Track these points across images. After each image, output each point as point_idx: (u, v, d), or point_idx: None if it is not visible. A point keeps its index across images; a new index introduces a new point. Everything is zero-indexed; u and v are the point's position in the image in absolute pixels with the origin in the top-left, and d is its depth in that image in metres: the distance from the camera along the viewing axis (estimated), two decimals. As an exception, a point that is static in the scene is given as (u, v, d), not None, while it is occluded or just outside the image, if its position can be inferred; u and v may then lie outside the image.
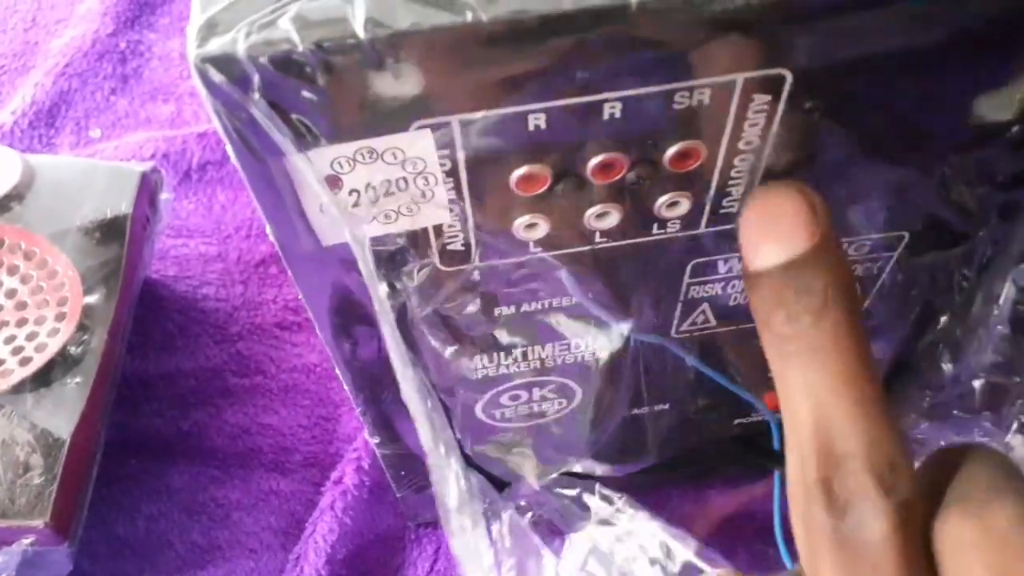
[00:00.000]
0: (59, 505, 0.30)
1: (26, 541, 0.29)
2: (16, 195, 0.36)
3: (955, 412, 0.25)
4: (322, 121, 0.16)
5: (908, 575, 0.16)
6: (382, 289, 0.19)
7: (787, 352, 0.18)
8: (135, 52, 0.54)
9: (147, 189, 0.39)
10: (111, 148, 0.48)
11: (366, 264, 0.18)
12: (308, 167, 0.16)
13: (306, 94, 0.15)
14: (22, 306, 0.34)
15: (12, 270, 0.35)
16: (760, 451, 0.29)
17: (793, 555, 0.27)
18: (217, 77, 0.14)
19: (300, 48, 0.14)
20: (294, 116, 0.15)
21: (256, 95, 0.14)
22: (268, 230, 0.18)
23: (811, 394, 0.17)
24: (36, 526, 0.29)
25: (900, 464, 0.17)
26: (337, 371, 0.24)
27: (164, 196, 0.40)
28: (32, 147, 0.49)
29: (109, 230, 0.36)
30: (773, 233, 0.18)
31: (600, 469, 0.30)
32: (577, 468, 0.29)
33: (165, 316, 0.42)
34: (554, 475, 0.29)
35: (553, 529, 0.31)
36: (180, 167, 0.47)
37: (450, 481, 0.22)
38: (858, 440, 0.17)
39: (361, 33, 0.14)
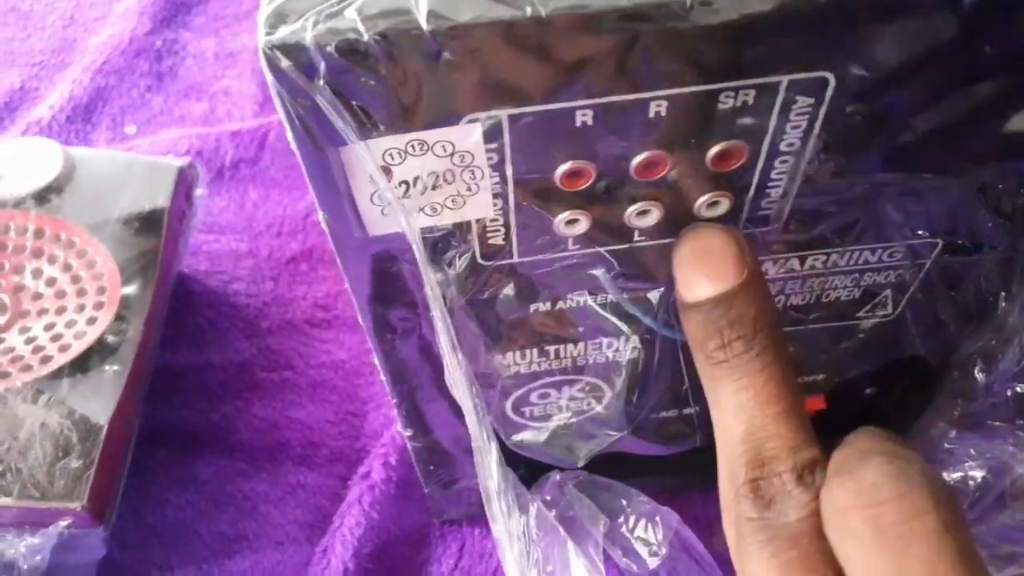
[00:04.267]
0: (96, 489, 0.30)
1: (63, 523, 0.30)
2: (56, 186, 0.37)
3: (988, 421, 0.26)
4: (381, 110, 0.16)
5: (820, 545, 0.18)
6: (434, 277, 0.20)
7: (720, 375, 0.20)
8: (170, 51, 0.55)
9: (184, 184, 0.39)
10: (146, 144, 0.49)
11: (419, 252, 0.19)
12: (367, 155, 0.16)
13: (368, 82, 0.15)
14: (61, 294, 0.35)
15: (52, 259, 0.36)
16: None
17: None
18: (285, 64, 0.15)
19: (365, 37, 0.15)
20: (355, 104, 0.16)
21: (321, 82, 0.15)
22: (320, 217, 0.19)
23: (742, 411, 0.20)
24: (73, 509, 0.30)
25: (818, 462, 0.19)
26: (376, 361, 0.24)
27: (199, 192, 0.41)
28: (69, 141, 0.50)
29: (147, 223, 0.37)
30: (706, 270, 0.20)
31: (642, 449, 0.30)
32: (619, 447, 0.30)
33: (196, 310, 0.42)
34: (596, 452, 0.29)
35: (574, 525, 0.32)
36: (213, 164, 0.48)
37: (492, 466, 0.22)
38: (781, 447, 0.19)
39: (424, 25, 0.15)
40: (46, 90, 0.53)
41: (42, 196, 0.37)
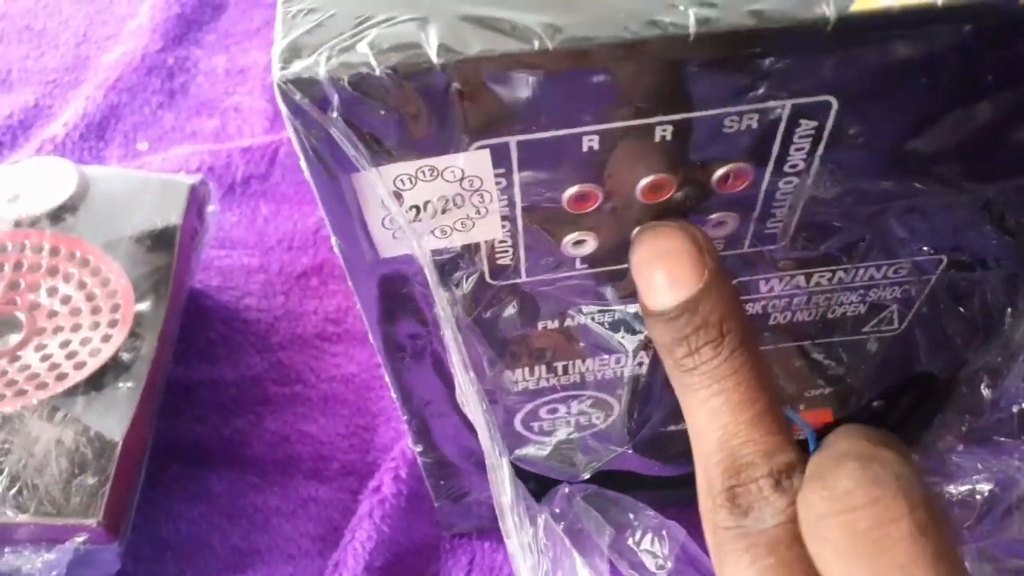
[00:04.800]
0: (111, 505, 0.31)
1: (79, 539, 0.30)
2: (71, 205, 0.38)
3: (994, 436, 0.26)
4: (392, 139, 0.17)
5: (798, 551, 0.18)
6: (445, 297, 0.20)
7: (691, 383, 0.20)
8: (182, 68, 0.56)
9: (196, 201, 0.40)
10: (158, 161, 0.49)
11: (431, 274, 0.19)
12: (379, 181, 0.17)
13: (380, 113, 0.16)
14: (76, 312, 0.35)
15: (67, 277, 0.36)
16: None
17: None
18: (299, 97, 0.15)
19: (377, 72, 0.15)
20: (367, 133, 0.16)
21: (335, 114, 0.15)
22: (333, 242, 0.19)
23: (715, 418, 0.19)
24: (89, 525, 0.30)
25: (795, 466, 0.19)
26: (387, 379, 0.25)
27: (211, 208, 0.42)
28: (83, 158, 0.50)
29: (159, 240, 0.37)
30: (665, 275, 0.20)
31: (647, 469, 0.30)
32: (621, 464, 0.30)
33: (208, 325, 0.43)
34: (598, 468, 0.29)
35: (581, 537, 0.32)
36: (224, 180, 0.48)
37: (505, 481, 0.23)
38: (756, 453, 0.19)
39: (434, 58, 0.15)
40: (60, 107, 0.53)
41: (57, 215, 0.37)
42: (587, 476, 0.30)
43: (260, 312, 0.44)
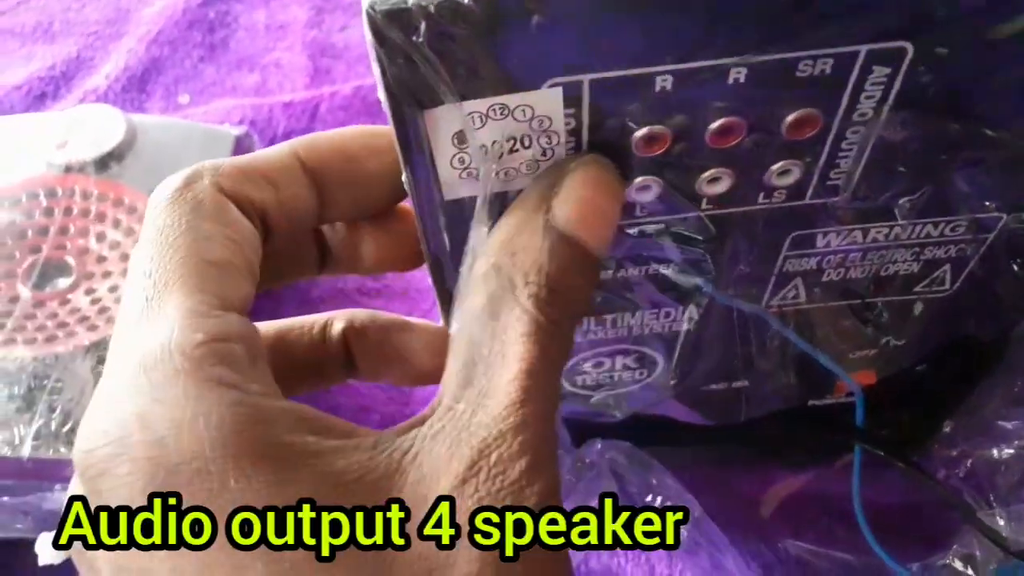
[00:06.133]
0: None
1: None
2: (118, 153, 0.38)
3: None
4: (472, 73, 0.17)
5: None
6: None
7: None
8: (222, 22, 0.56)
9: (240, 152, 0.40)
10: (199, 114, 0.50)
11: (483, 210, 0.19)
12: (458, 114, 0.17)
13: (463, 45, 0.16)
14: (125, 258, 0.36)
15: (116, 223, 0.36)
16: (841, 427, 0.30)
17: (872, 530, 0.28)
18: (386, 24, 0.15)
19: (465, 0, 0.15)
20: (450, 64, 0.16)
21: (421, 39, 0.15)
22: (404, 178, 0.19)
23: None
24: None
25: None
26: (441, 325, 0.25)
27: (254, 160, 0.42)
28: (124, 110, 0.50)
29: (206, 189, 0.38)
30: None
31: (686, 416, 0.30)
32: (662, 410, 0.30)
33: (249, 277, 0.43)
34: (640, 410, 0.30)
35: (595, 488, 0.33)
36: (266, 134, 0.49)
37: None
38: None
39: (523, -14, 0.15)
40: (101, 60, 0.54)
41: (104, 162, 0.38)
42: (623, 416, 0.30)
43: (300, 265, 0.44)
